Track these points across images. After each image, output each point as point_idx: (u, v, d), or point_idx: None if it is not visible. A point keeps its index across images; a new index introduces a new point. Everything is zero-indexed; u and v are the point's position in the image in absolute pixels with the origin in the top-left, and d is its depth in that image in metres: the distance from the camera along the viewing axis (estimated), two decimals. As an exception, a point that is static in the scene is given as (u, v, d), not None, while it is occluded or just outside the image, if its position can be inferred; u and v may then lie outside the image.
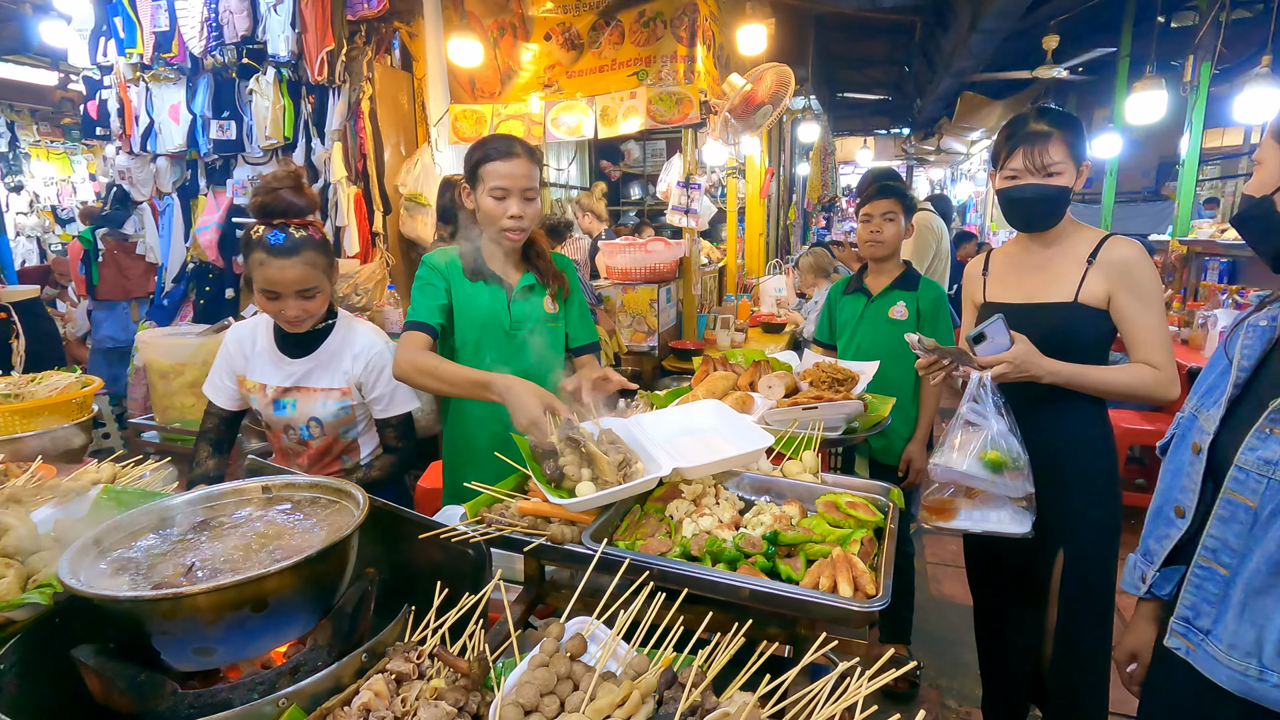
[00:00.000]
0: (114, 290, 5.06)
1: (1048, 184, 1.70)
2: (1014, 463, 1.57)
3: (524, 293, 1.92)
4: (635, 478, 1.30)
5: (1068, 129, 1.70)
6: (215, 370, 1.90)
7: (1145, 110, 5.14)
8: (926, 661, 2.84)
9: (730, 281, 6.19)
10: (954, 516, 1.66)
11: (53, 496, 1.24)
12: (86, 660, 0.91)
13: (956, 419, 1.65)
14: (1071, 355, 1.69)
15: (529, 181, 1.80)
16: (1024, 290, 1.84)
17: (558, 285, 1.97)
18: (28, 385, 1.88)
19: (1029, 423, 1.70)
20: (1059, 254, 1.80)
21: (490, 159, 1.78)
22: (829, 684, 0.88)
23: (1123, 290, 1.69)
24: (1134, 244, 1.72)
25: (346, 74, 3.83)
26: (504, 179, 1.77)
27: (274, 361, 1.84)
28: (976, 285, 2.00)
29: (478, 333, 1.88)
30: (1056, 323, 1.75)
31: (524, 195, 1.80)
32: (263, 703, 0.86)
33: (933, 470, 1.68)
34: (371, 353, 1.85)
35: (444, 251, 1.93)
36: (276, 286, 1.66)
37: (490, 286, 1.90)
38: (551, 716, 0.87)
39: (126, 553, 1.03)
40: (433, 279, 1.87)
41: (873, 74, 9.03)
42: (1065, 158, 1.68)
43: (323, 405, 1.84)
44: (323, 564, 0.99)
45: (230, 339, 1.90)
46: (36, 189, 9.10)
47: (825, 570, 1.10)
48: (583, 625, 1.04)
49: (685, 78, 3.97)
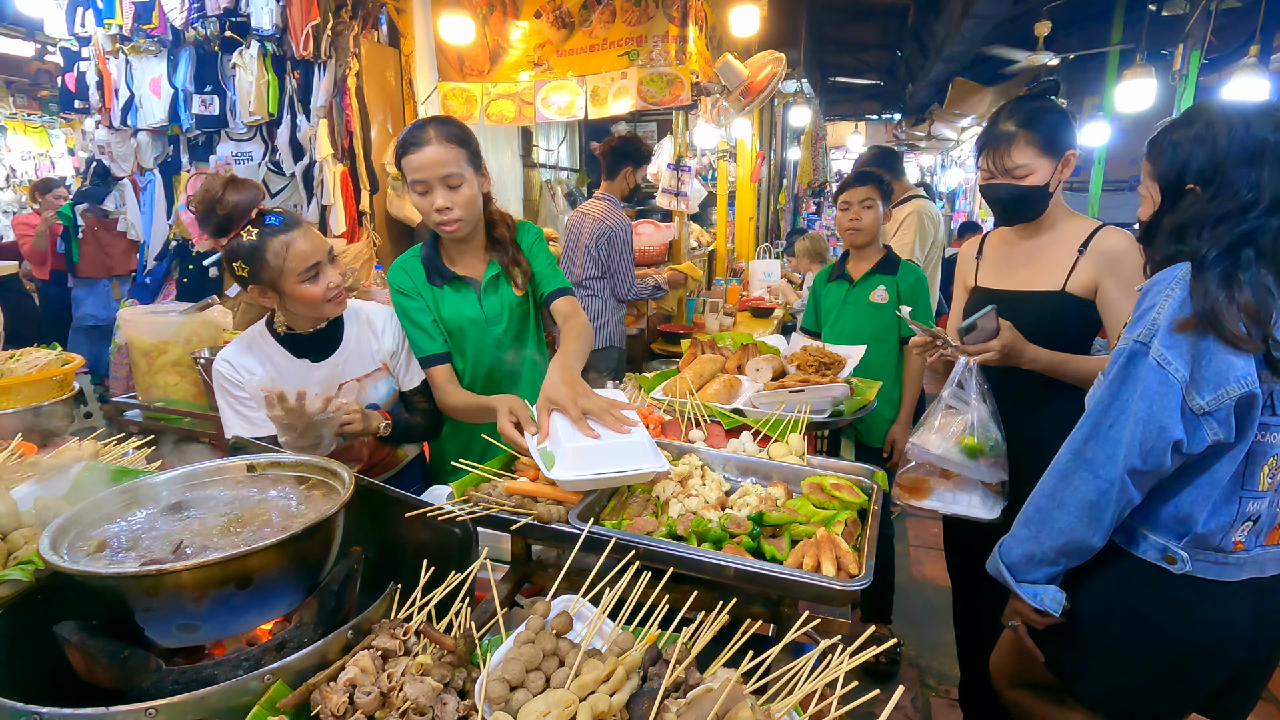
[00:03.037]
0: (95, 268, 4.97)
1: (1016, 184, 1.70)
2: (990, 449, 1.60)
3: (492, 284, 1.86)
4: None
5: (1037, 126, 1.68)
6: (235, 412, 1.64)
7: (1134, 98, 5.15)
8: (907, 641, 2.89)
9: (720, 266, 6.18)
10: (927, 496, 1.69)
11: (33, 474, 1.23)
12: (69, 636, 0.91)
13: (938, 402, 1.67)
14: (1056, 344, 1.71)
15: (448, 167, 1.64)
16: (1014, 278, 1.86)
17: (516, 267, 1.87)
18: (7, 362, 1.85)
19: (1017, 407, 1.73)
20: (1050, 243, 1.81)
21: (405, 153, 1.66)
22: (811, 660, 0.90)
23: (1110, 279, 1.70)
24: (1125, 234, 1.72)
25: (332, 49, 3.76)
26: (420, 171, 1.65)
27: (298, 372, 1.62)
28: (969, 269, 2.02)
29: (455, 335, 1.85)
30: (1044, 311, 1.76)
31: (446, 183, 1.66)
32: (248, 678, 0.86)
33: (910, 449, 1.71)
34: (394, 321, 1.81)
35: (401, 264, 1.84)
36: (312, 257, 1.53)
37: (457, 289, 1.84)
38: (537, 691, 0.88)
39: (109, 529, 1.02)
40: (411, 303, 1.81)
41: (865, 58, 9.00)
42: (1033, 157, 1.68)
43: (373, 390, 1.73)
44: (307, 542, 0.99)
45: (228, 375, 1.63)
46: (14, 163, 8.90)
47: (809, 550, 1.12)
48: (569, 603, 1.05)
49: (677, 58, 3.93)
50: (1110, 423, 1.28)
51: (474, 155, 1.72)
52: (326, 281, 1.57)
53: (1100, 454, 1.29)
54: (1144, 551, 1.34)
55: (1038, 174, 1.69)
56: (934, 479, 1.70)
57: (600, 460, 1.31)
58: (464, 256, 1.86)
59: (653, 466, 1.34)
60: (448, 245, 1.84)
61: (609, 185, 3.64)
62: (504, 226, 1.88)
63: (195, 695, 0.83)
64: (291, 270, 1.51)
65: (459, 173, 1.67)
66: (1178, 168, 1.30)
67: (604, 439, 1.35)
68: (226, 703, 0.84)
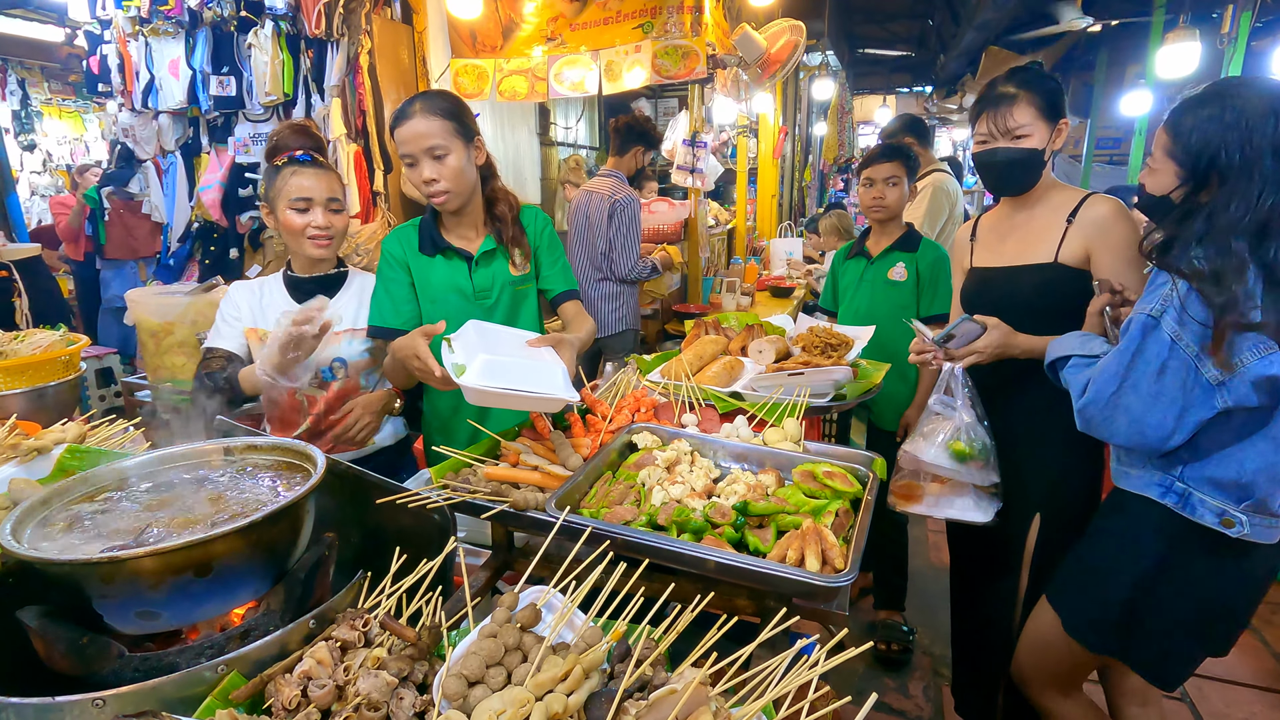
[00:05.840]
0: (121, 250, 5.07)
1: (1014, 146, 1.69)
2: (979, 454, 1.60)
3: (486, 258, 1.84)
4: None
5: (1037, 88, 1.67)
6: (218, 326, 1.84)
7: (1178, 64, 4.89)
8: (921, 629, 2.82)
9: (739, 244, 6.07)
10: (919, 501, 1.70)
11: (14, 455, 1.23)
12: (30, 622, 0.90)
13: (927, 410, 1.68)
14: (1051, 316, 1.68)
15: (432, 139, 1.65)
16: (1006, 253, 1.83)
17: (516, 246, 1.87)
18: (11, 343, 1.86)
19: (1016, 386, 1.74)
20: (1040, 214, 1.78)
21: (395, 128, 1.69)
22: (785, 661, 0.85)
23: (1102, 249, 1.66)
24: (1112, 200, 1.69)
25: (345, 27, 3.72)
26: (406, 144, 1.67)
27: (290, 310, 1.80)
28: (964, 251, 1.99)
29: (440, 307, 1.83)
30: (1038, 283, 1.74)
31: (431, 155, 1.67)
32: (203, 668, 0.84)
33: (901, 456, 1.71)
34: None
35: (397, 232, 1.88)
36: (308, 193, 1.73)
37: (449, 259, 1.83)
38: (497, 688, 0.85)
39: (76, 513, 1.01)
40: (390, 271, 1.83)
41: (894, 28, 8.70)
42: (1033, 119, 1.67)
43: (348, 345, 1.84)
44: (272, 528, 0.96)
45: (233, 295, 1.86)
46: (50, 148, 9.09)
47: (794, 543, 1.06)
48: (539, 594, 1.01)
49: (692, 30, 3.81)
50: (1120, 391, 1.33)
51: (463, 127, 1.71)
52: (312, 219, 1.75)
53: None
54: (1200, 516, 1.35)
55: (1035, 136, 1.68)
56: (926, 484, 1.69)
57: (512, 376, 1.32)
58: (460, 227, 1.85)
59: (562, 395, 1.33)
60: (445, 217, 1.84)
61: (617, 162, 3.58)
62: (505, 204, 1.87)
63: (147, 686, 0.81)
64: (285, 196, 1.73)
65: (444, 144, 1.67)
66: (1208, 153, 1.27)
67: (519, 356, 1.38)
68: (180, 693, 0.83)
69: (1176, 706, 2.44)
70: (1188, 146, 1.30)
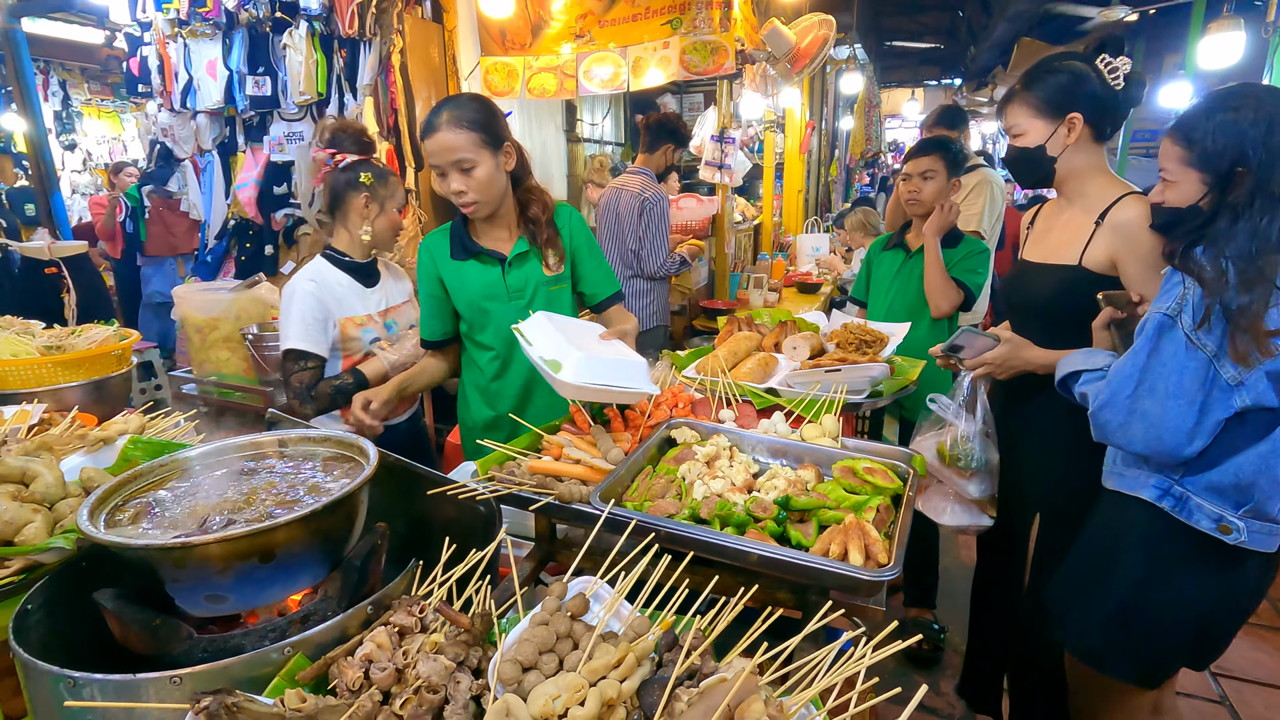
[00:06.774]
0: (161, 247, 5.20)
1: (1014, 145, 1.71)
2: (971, 463, 1.60)
3: (519, 260, 1.86)
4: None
5: (1035, 85, 1.66)
6: (305, 326, 1.89)
7: (1220, 54, 4.75)
8: (951, 627, 2.81)
9: (766, 240, 6.05)
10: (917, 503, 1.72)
11: (82, 445, 1.29)
12: (106, 604, 0.94)
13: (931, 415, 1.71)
14: (1067, 322, 1.63)
15: (458, 153, 1.67)
16: (1040, 249, 1.79)
17: (550, 248, 1.88)
18: (69, 338, 1.93)
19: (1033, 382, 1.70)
20: (1077, 213, 1.70)
21: (424, 137, 1.72)
22: (833, 651, 0.87)
23: (1128, 256, 1.56)
24: (1143, 203, 1.56)
25: (377, 26, 3.78)
26: (434, 156, 1.70)
27: (359, 295, 2.02)
28: (1022, 238, 1.95)
29: (474, 310, 1.87)
30: (1056, 285, 1.68)
31: (459, 168, 1.69)
32: (270, 650, 0.88)
33: None
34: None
35: (427, 241, 1.92)
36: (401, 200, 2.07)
37: (483, 262, 1.85)
38: (550, 674, 0.88)
39: (145, 501, 1.05)
40: (424, 286, 1.92)
41: (923, 20, 8.58)
42: (1027, 117, 1.66)
43: (409, 312, 2.14)
44: (330, 517, 1.00)
45: (313, 292, 1.93)
46: (89, 147, 9.34)
47: (836, 537, 1.08)
48: (587, 585, 1.04)
49: (721, 25, 3.81)
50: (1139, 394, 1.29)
51: (490, 136, 1.71)
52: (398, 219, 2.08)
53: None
54: (1196, 521, 1.31)
55: (1031, 135, 1.66)
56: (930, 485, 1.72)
57: (606, 372, 1.40)
58: (493, 230, 1.87)
59: (647, 388, 1.44)
60: (476, 221, 1.86)
61: (646, 159, 3.58)
62: (539, 205, 1.88)
63: (219, 665, 0.85)
64: (394, 199, 2.02)
65: (470, 157, 1.68)
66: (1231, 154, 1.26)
67: (606, 352, 1.46)
68: (249, 673, 0.87)
69: (1215, 709, 2.40)
70: (1208, 151, 1.27)
